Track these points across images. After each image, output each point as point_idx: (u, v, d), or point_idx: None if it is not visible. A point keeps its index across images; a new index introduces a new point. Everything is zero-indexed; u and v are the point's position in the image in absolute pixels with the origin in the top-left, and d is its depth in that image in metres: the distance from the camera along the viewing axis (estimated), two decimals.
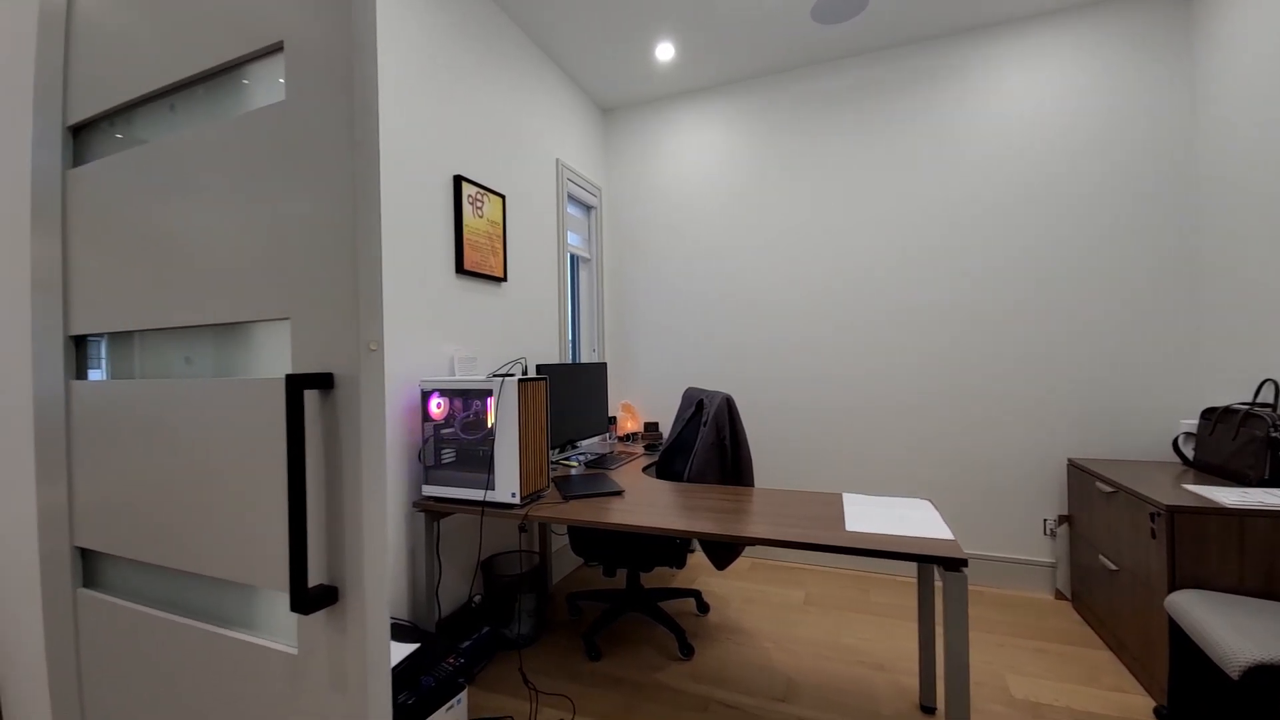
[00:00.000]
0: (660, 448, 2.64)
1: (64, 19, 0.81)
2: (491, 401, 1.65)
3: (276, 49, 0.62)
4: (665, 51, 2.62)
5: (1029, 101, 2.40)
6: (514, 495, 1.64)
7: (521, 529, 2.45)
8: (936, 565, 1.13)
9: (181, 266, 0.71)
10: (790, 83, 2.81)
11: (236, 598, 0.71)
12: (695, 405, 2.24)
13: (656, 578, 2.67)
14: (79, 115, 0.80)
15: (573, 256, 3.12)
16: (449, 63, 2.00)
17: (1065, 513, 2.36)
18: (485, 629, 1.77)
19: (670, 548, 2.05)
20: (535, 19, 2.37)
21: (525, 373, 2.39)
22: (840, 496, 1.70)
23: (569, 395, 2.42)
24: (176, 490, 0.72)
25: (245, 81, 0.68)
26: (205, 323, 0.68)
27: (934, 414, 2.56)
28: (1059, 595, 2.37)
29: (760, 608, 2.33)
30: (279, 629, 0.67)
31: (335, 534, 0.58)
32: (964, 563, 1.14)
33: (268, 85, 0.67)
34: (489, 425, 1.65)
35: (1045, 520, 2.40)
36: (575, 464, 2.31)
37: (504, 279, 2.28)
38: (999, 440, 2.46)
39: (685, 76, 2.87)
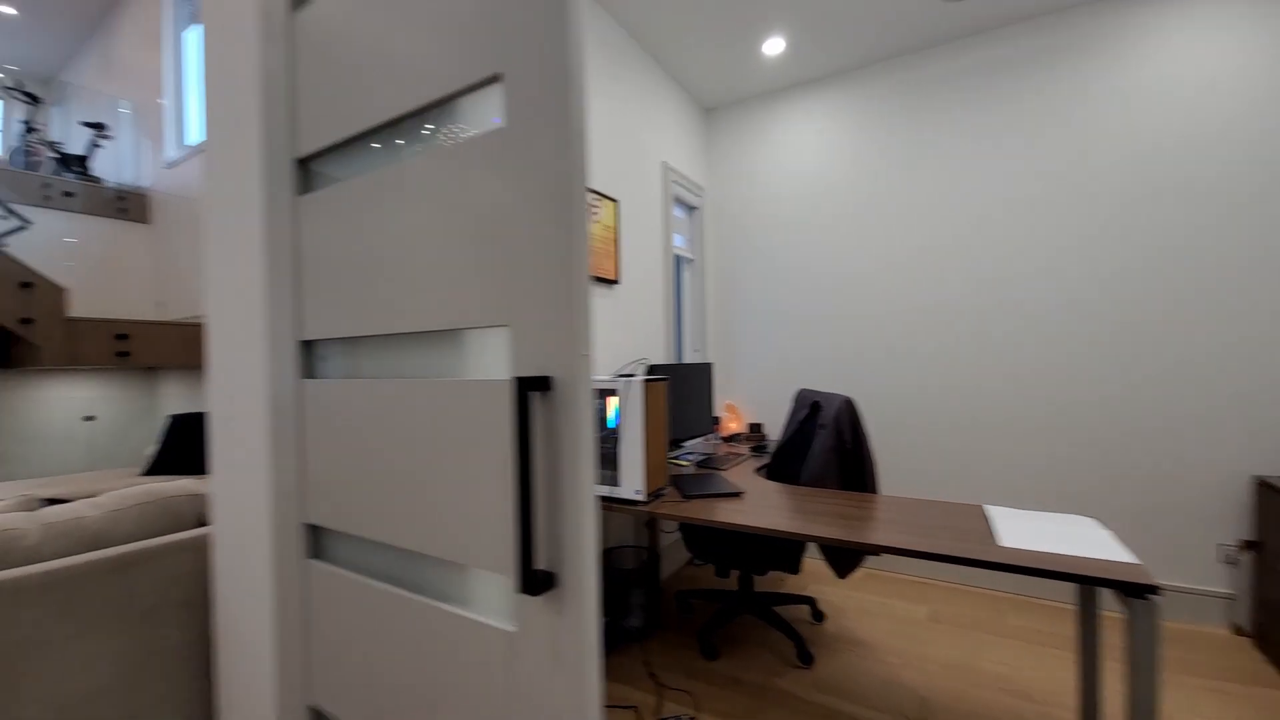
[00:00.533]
0: (769, 449, 2.60)
1: (293, 65, 0.93)
2: (610, 401, 1.71)
3: (493, 80, 0.69)
4: (774, 46, 2.57)
5: (1199, 75, 2.12)
6: (638, 492, 1.69)
7: (648, 525, 2.51)
8: (1117, 590, 1.03)
9: (400, 280, 0.80)
10: (911, 66, 2.67)
11: (448, 576, 0.79)
12: (810, 407, 2.19)
13: (768, 582, 2.63)
14: (306, 150, 0.92)
15: (677, 257, 3.15)
16: None
17: (1251, 538, 2.06)
18: (606, 619, 1.83)
19: (785, 552, 2.01)
20: (643, 23, 2.41)
21: (648, 373, 2.45)
22: (981, 509, 1.59)
23: (675, 395, 2.45)
24: (396, 476, 0.81)
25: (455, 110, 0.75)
26: (422, 330, 0.76)
27: (1085, 423, 2.33)
28: (1238, 630, 2.07)
29: (881, 621, 2.23)
30: (490, 608, 0.73)
31: (555, 523, 0.62)
32: (1153, 589, 1.03)
33: (476, 113, 0.73)
34: (605, 425, 1.71)
35: (1222, 545, 2.10)
36: (686, 463, 2.33)
37: (617, 281, 2.34)
38: (1165, 453, 2.19)
39: (793, 69, 2.80)
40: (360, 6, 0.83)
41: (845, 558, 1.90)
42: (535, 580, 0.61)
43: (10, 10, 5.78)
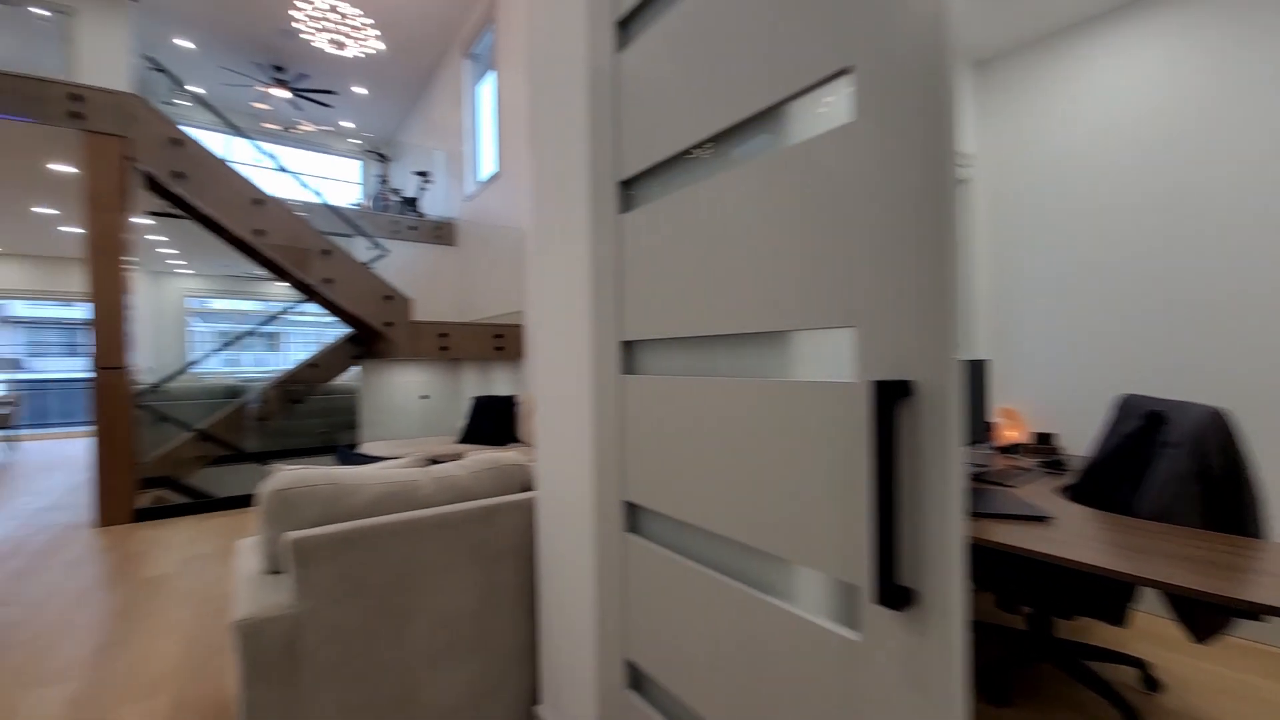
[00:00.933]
0: (1070, 467, 2.14)
1: (618, 101, 1.06)
2: None
3: (840, 74, 0.67)
4: None
5: None
6: None
7: None
8: None
9: (726, 285, 0.84)
10: None
11: (767, 568, 0.82)
12: (1144, 419, 1.73)
13: (1073, 628, 2.18)
14: (627, 173, 1.04)
15: None
16: None
17: None
18: None
19: (1107, 596, 1.63)
20: None
21: None
22: None
23: None
24: (716, 467, 0.87)
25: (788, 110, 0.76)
26: (750, 331, 0.79)
27: None
28: None
29: (1247, 706, 1.67)
30: (819, 608, 0.74)
31: (917, 536, 0.59)
32: None
33: (810, 111, 0.73)
34: None
35: None
36: None
37: None
38: None
39: None
40: (686, 35, 0.90)
41: (1208, 617, 1.45)
42: (895, 594, 0.58)
43: (363, 90, 7.87)
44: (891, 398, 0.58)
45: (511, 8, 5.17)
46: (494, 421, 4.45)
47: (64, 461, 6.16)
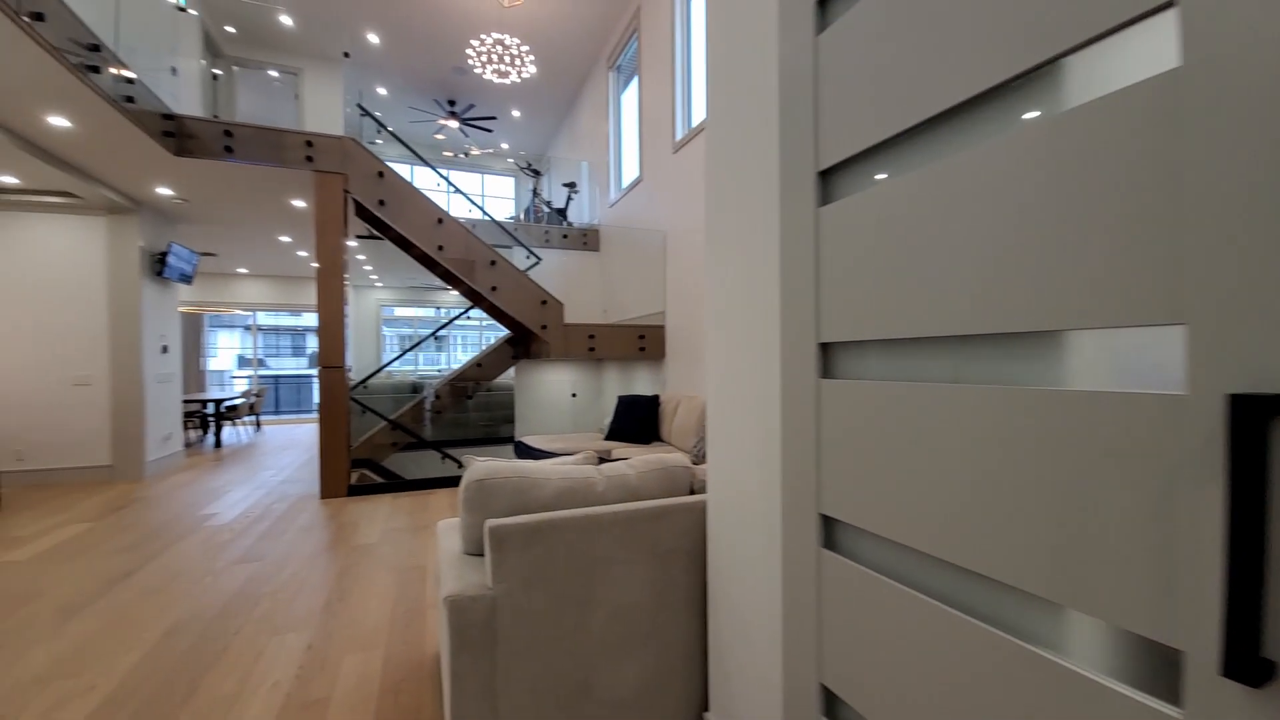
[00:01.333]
0: None
1: (815, 86, 0.99)
2: None
3: (1160, 9, 0.54)
4: None
5: None
6: None
7: None
8: None
9: (969, 277, 0.73)
10: None
11: (1019, 608, 0.70)
12: None
13: None
14: (827, 162, 0.96)
15: None
16: None
17: None
18: None
19: None
20: None
21: None
22: None
23: None
24: (952, 485, 0.76)
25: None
26: (1006, 330, 0.68)
27: None
28: None
29: None
30: (1103, 665, 0.61)
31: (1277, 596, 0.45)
32: None
33: (1097, 65, 0.60)
34: None
35: None
36: None
37: None
38: None
39: None
40: (905, 4, 0.81)
41: None
42: (1254, 667, 0.45)
43: (517, 113, 8.56)
44: (1260, 416, 0.45)
45: (656, 16, 5.28)
46: (637, 420, 4.57)
47: (293, 443, 7.54)
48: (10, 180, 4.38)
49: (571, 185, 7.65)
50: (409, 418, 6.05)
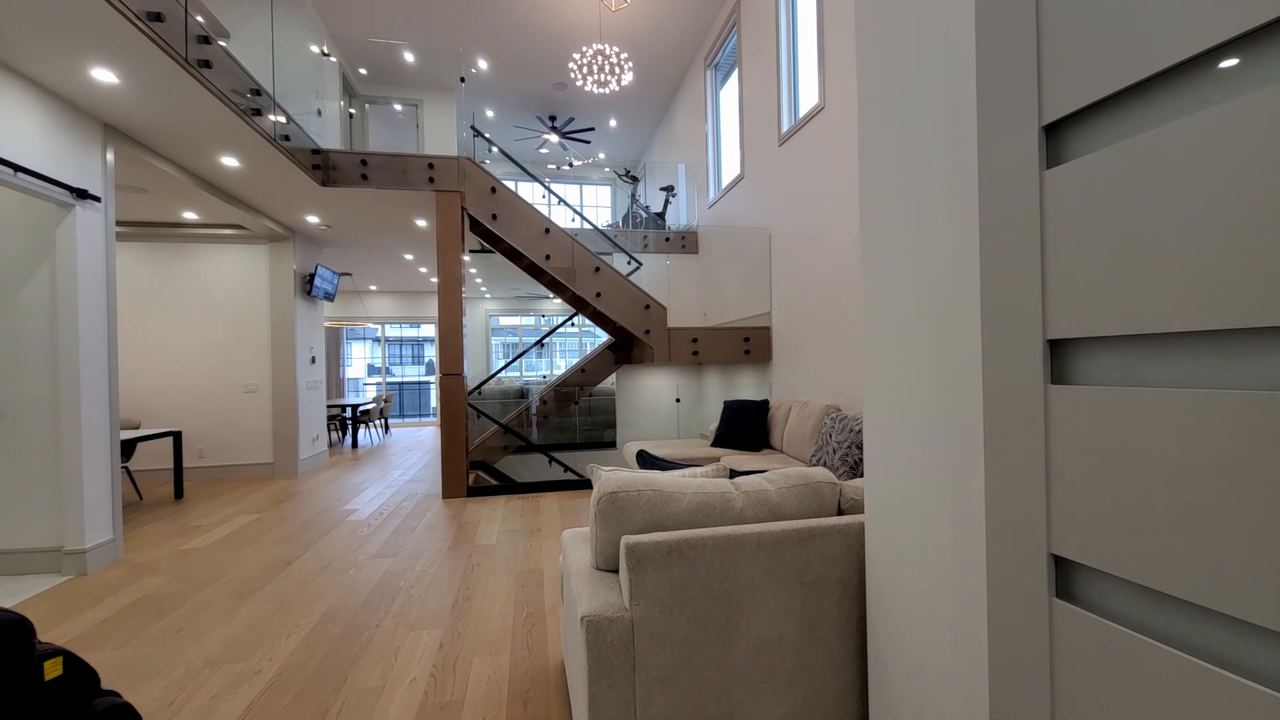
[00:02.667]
0: None
1: (1032, 6, 0.79)
2: None
3: None
4: None
5: None
6: None
7: None
8: None
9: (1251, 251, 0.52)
10: None
11: None
12: None
13: None
14: (1060, 110, 0.76)
15: None
16: None
17: None
18: None
19: None
20: None
21: None
22: None
23: None
24: (1250, 524, 0.55)
25: None
26: None
27: None
28: None
29: None
30: None
31: None
32: None
33: None
34: None
35: None
36: None
37: None
38: None
39: None
40: None
41: None
42: None
43: (614, 122, 8.66)
44: None
45: (758, 5, 5.08)
46: (746, 427, 4.37)
47: (417, 444, 8.14)
48: (192, 216, 5.11)
49: (669, 189, 7.60)
50: (518, 421, 6.29)
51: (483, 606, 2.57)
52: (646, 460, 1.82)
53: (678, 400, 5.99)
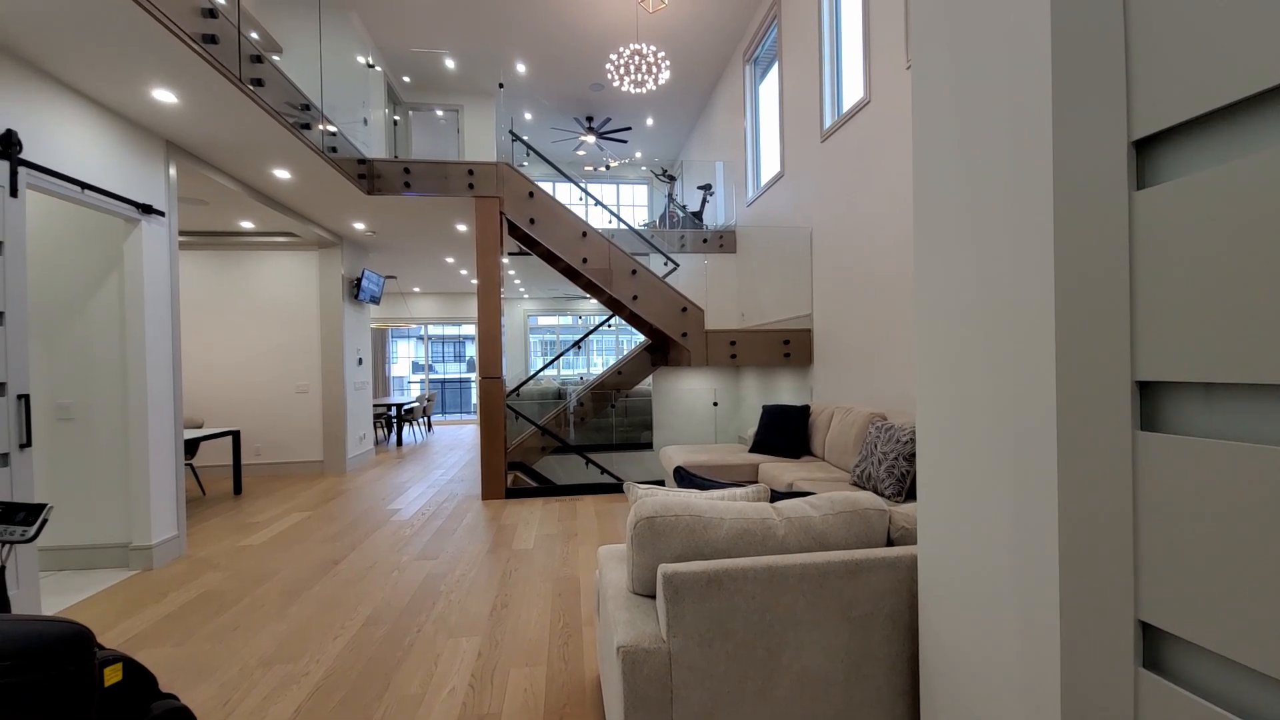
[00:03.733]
0: None
1: (1120, 10, 0.70)
2: None
3: None
4: None
5: None
6: None
7: None
8: None
9: None
10: None
11: None
12: None
13: None
14: (1153, 126, 0.68)
15: None
16: None
17: None
18: None
19: None
20: None
21: None
22: None
23: None
24: None
25: None
26: None
27: None
28: None
29: None
30: None
31: None
32: None
33: None
34: None
35: None
36: None
37: None
38: None
39: None
40: None
41: None
42: None
43: (651, 121, 8.59)
44: None
45: None
46: (786, 433, 4.26)
47: (458, 443, 8.33)
48: (248, 225, 5.34)
49: (706, 187, 7.50)
50: (555, 422, 6.34)
51: (520, 614, 2.58)
52: (684, 478, 1.77)
53: (715, 404, 5.91)
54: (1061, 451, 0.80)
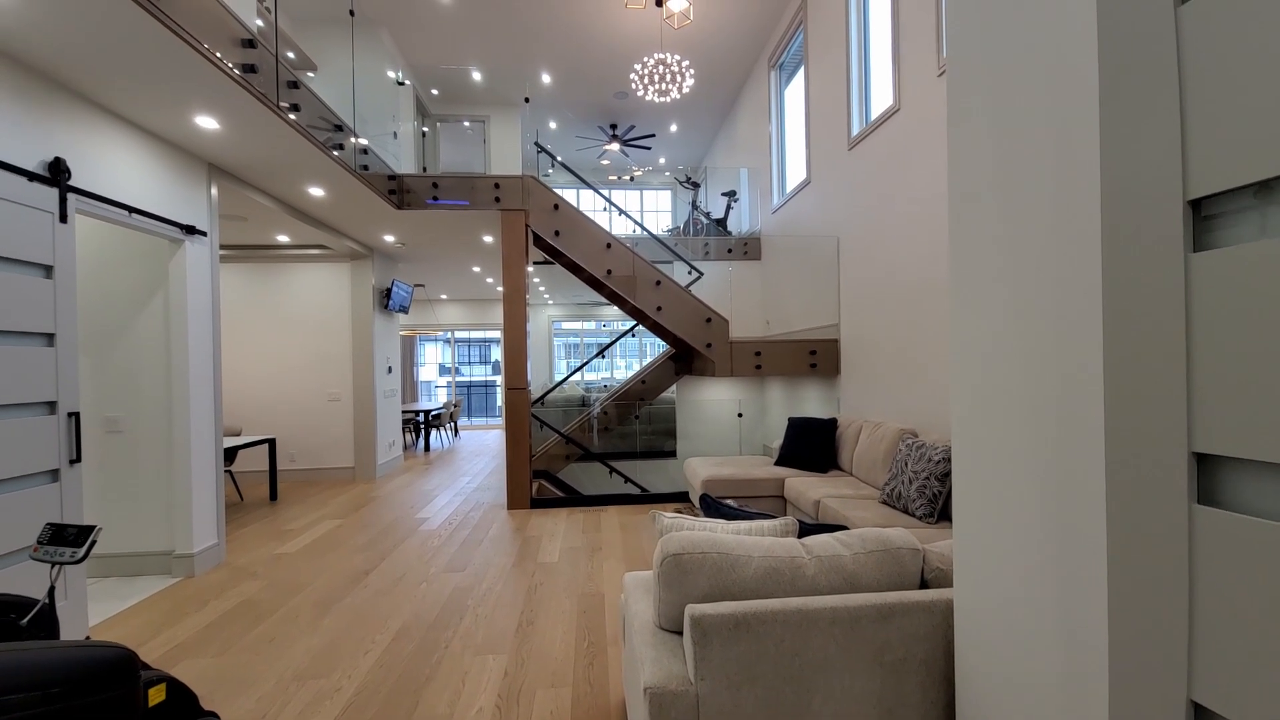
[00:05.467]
0: None
1: (1174, 64, 0.67)
2: None
3: None
4: None
5: None
6: None
7: None
8: None
9: None
10: None
11: None
12: None
13: None
14: (1211, 186, 0.64)
15: None
16: None
17: None
18: None
19: None
20: None
21: None
22: None
23: None
24: None
25: None
26: None
27: None
28: None
29: None
30: None
31: None
32: None
33: None
34: None
35: None
36: None
37: None
38: None
39: None
40: None
41: None
42: None
43: (675, 127, 8.57)
44: None
45: (826, 3, 4.86)
46: (812, 446, 4.19)
47: (484, 449, 8.44)
48: (283, 239, 5.51)
49: (731, 194, 7.45)
50: (579, 430, 6.37)
51: (545, 631, 2.60)
52: (710, 505, 1.76)
53: (740, 415, 5.86)
54: (1111, 520, 0.77)
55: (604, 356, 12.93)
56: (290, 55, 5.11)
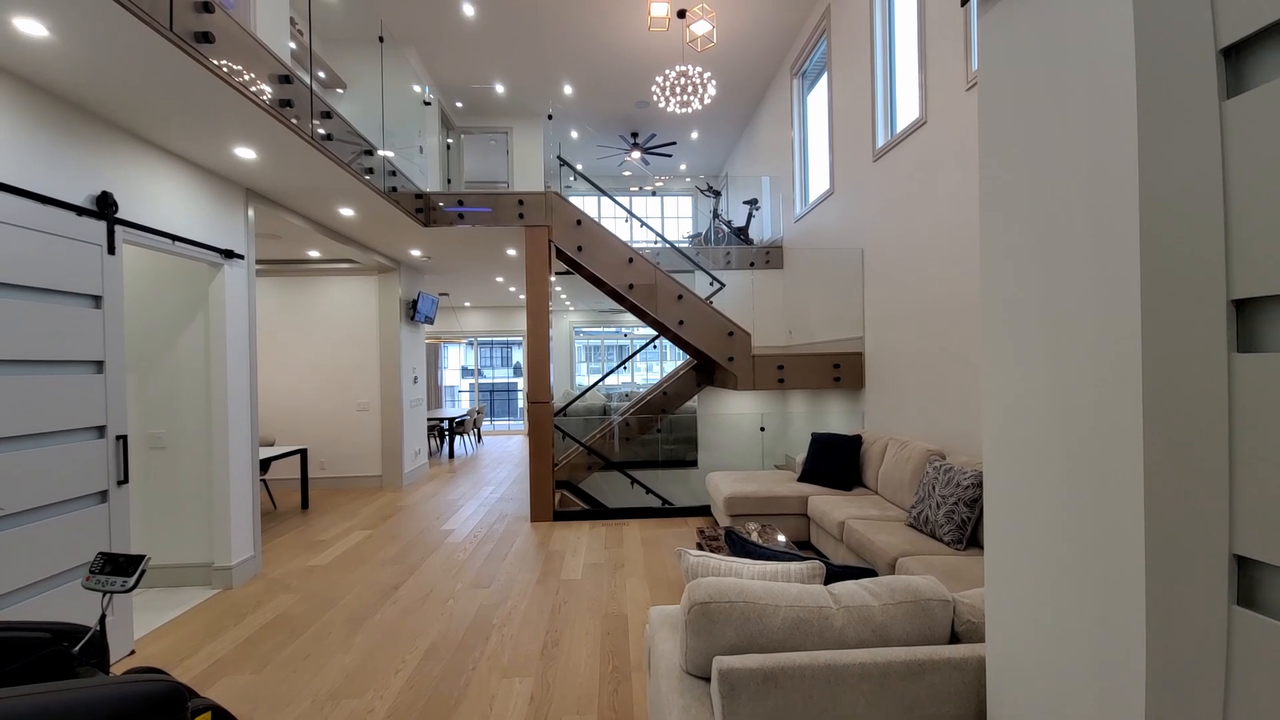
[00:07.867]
0: None
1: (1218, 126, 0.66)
2: None
3: None
4: None
5: None
6: None
7: None
8: None
9: None
10: None
11: None
12: None
13: None
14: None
15: None
16: None
17: None
18: None
19: None
20: None
21: None
22: None
23: None
24: None
25: None
26: None
27: None
28: None
29: None
30: None
31: None
32: None
33: None
34: None
35: None
36: None
37: None
38: None
39: None
40: None
41: None
42: None
43: (695, 135, 8.55)
44: None
45: (850, 12, 4.80)
46: (837, 464, 4.15)
47: (507, 456, 8.54)
48: (314, 254, 5.66)
49: (753, 202, 7.41)
50: (600, 440, 6.40)
51: (570, 653, 2.63)
52: (735, 542, 1.76)
53: (762, 429, 5.82)
54: (1151, 618, 0.75)
55: (624, 368, 12.98)
56: (322, 75, 5.25)
